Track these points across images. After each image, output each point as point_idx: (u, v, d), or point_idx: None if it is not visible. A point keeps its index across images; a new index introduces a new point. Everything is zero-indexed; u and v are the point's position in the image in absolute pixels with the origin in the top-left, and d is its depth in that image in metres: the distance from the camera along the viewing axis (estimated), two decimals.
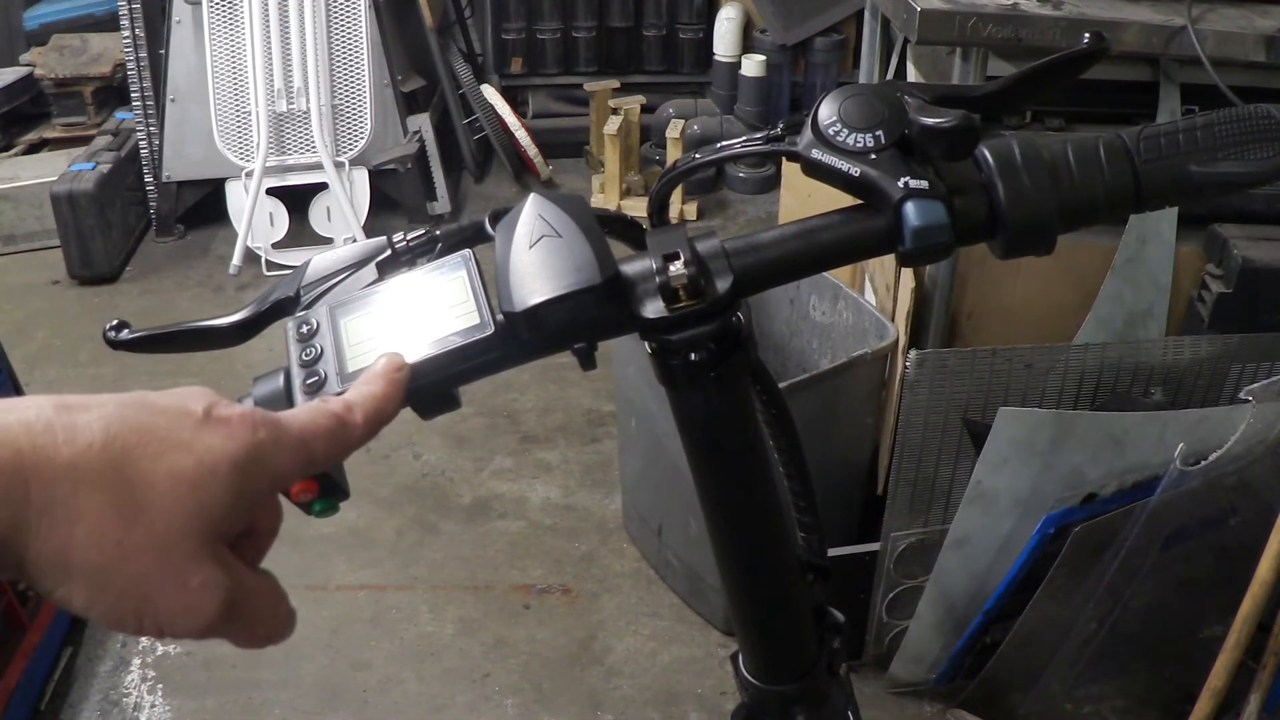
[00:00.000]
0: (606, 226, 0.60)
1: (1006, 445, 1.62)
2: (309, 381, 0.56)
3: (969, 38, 1.70)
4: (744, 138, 0.62)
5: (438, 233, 0.63)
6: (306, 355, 0.57)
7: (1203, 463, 1.56)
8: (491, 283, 0.57)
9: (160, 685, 2.05)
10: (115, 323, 0.63)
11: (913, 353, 1.71)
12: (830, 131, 0.57)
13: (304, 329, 0.58)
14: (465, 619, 2.20)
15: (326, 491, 0.56)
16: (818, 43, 4.12)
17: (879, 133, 0.56)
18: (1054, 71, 0.62)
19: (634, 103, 3.94)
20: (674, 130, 3.85)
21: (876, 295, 2.17)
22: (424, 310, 0.57)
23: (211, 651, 2.12)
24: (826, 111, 0.58)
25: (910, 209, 0.55)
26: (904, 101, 0.57)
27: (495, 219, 0.60)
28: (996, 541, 1.72)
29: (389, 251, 0.62)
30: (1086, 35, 0.61)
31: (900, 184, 0.55)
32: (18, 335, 3.10)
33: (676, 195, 3.83)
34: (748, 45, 4.16)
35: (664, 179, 0.68)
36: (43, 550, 0.42)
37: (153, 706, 2.01)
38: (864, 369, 1.96)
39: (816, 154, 0.57)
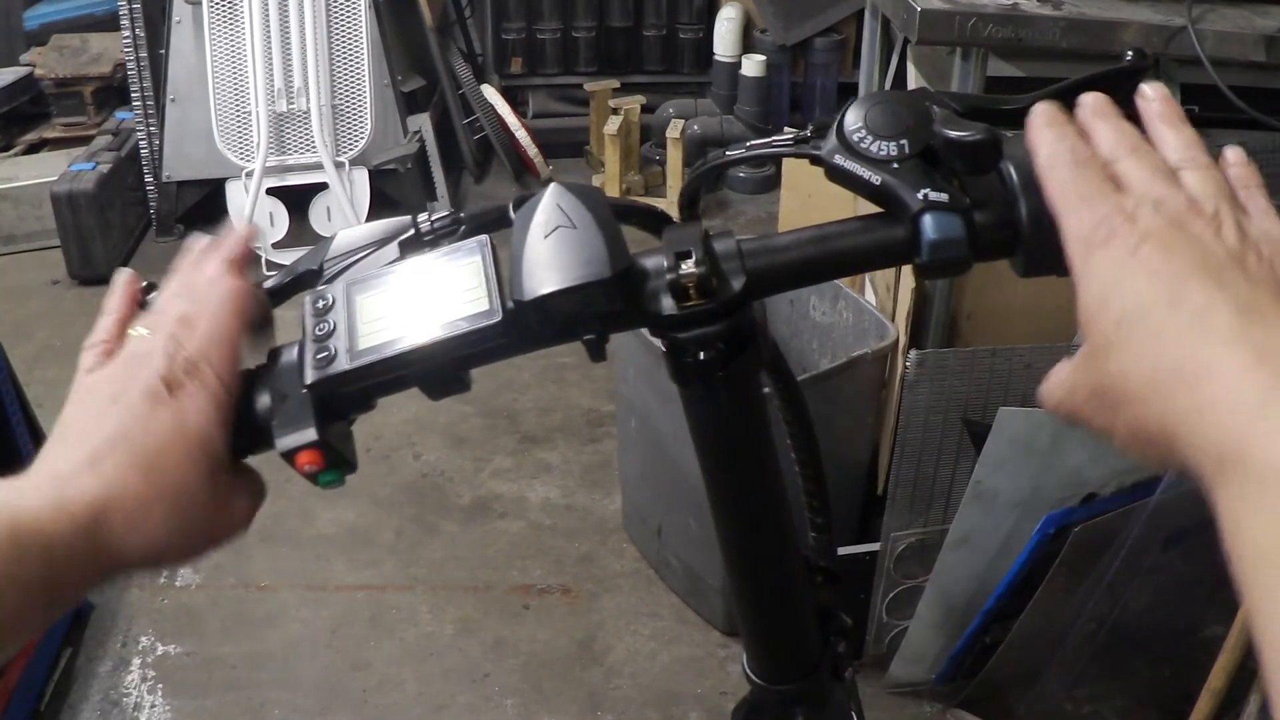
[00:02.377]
0: (630, 217, 0.60)
1: (1006, 445, 1.62)
2: (319, 356, 0.56)
3: (969, 38, 1.70)
4: (773, 137, 0.62)
5: (461, 215, 0.63)
6: (320, 330, 0.57)
7: None
8: (507, 268, 0.57)
9: (160, 685, 2.06)
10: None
11: (913, 353, 1.71)
12: (855, 138, 0.56)
13: (320, 304, 0.58)
14: (465, 619, 2.20)
15: (332, 463, 0.56)
16: (818, 43, 4.12)
17: (904, 142, 0.55)
18: (1093, 88, 0.60)
19: (634, 103, 3.94)
20: (674, 130, 3.85)
21: (876, 295, 2.17)
22: (436, 293, 0.57)
23: (211, 651, 2.13)
24: (853, 117, 0.57)
25: (927, 221, 0.54)
26: (931, 111, 0.56)
27: (519, 205, 0.60)
28: (996, 541, 1.72)
29: (412, 231, 0.63)
30: (1129, 53, 0.60)
31: (920, 195, 0.54)
32: (18, 335, 3.10)
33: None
34: (748, 45, 4.16)
35: (695, 173, 0.68)
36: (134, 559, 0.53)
37: (153, 706, 2.01)
38: (864, 369, 1.96)
39: (839, 159, 0.56)
